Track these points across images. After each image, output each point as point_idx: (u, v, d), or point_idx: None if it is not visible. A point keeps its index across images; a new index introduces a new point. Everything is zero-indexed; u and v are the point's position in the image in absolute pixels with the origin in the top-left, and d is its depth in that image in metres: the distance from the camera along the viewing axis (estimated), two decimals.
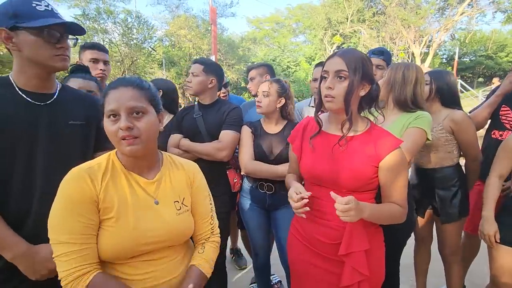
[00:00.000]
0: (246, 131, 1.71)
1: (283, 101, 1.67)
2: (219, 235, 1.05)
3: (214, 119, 1.74)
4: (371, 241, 1.04)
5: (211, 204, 1.03)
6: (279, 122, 1.72)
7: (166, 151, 1.17)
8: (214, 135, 1.71)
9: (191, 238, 1.02)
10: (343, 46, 24.21)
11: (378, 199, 1.12)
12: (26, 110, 0.98)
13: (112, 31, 18.86)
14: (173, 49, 21.15)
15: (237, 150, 1.78)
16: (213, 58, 8.88)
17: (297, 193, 1.03)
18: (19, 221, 0.95)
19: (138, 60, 21.91)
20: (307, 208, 1.01)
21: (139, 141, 0.80)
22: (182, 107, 2.58)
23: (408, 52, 19.32)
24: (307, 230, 1.14)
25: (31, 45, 0.95)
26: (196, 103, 1.85)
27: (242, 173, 1.78)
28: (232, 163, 1.85)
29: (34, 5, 0.94)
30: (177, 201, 0.91)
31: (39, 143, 0.98)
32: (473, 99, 12.83)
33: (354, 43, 22.91)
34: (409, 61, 18.92)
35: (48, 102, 1.03)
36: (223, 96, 2.31)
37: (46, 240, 0.86)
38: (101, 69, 1.78)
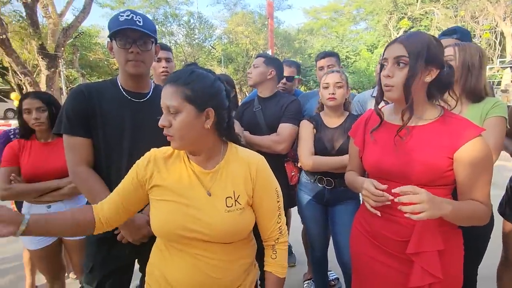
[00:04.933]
0: (306, 125, 1.66)
1: (349, 91, 1.64)
2: (287, 234, 0.99)
3: (273, 112, 1.76)
4: (447, 242, 0.95)
5: (278, 201, 0.94)
6: (342, 114, 1.66)
7: None
8: (273, 128, 1.73)
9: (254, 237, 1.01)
10: (411, 30, 21.83)
11: (454, 196, 1.00)
12: (129, 107, 1.16)
13: (177, 33, 20.46)
14: (231, 46, 21.87)
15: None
16: (269, 52, 8.94)
17: (376, 187, 0.96)
18: None
19: (199, 59, 23.27)
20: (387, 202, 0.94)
21: (173, 139, 0.82)
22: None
23: (495, 31, 16.45)
24: (373, 225, 1.07)
25: (115, 52, 1.14)
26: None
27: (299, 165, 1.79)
28: (291, 155, 1.86)
29: (119, 16, 1.11)
30: (230, 197, 0.86)
31: (138, 134, 1.15)
32: None
33: (425, 26, 20.45)
34: (496, 43, 16.09)
35: (143, 100, 1.19)
36: (281, 88, 2.31)
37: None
38: (163, 67, 1.89)
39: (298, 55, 21.37)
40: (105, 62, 19.94)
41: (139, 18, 1.11)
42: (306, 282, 2.23)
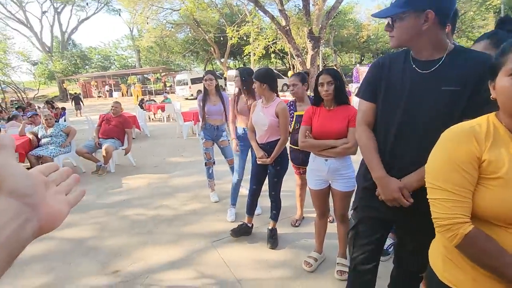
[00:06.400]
0: None
1: None
2: None
3: None
4: None
5: None
6: None
7: None
8: None
9: None
10: None
11: None
12: (410, 77, 1.16)
13: None
14: None
15: None
16: None
17: None
18: (384, 155, 1.24)
19: (466, 14, 18.38)
20: None
21: None
22: None
23: None
24: None
25: None
26: None
27: None
28: None
29: None
30: None
31: (412, 105, 1.14)
32: None
33: None
34: None
35: (428, 71, 1.12)
36: None
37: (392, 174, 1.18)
38: None
39: None
40: (356, 37, 20.91)
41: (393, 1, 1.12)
42: None
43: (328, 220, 2.60)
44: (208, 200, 3.49)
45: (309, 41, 10.86)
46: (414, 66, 1.15)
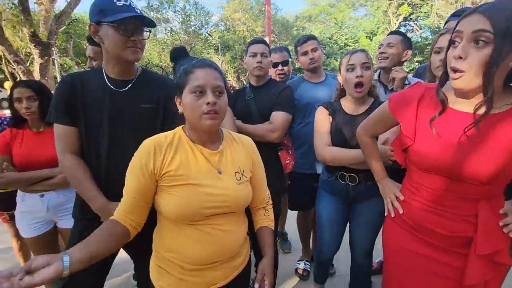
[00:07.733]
0: (321, 113, 1.49)
1: (373, 75, 1.40)
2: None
3: (265, 100, 1.72)
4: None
5: (264, 172, 1.10)
6: (366, 101, 1.42)
7: None
8: (266, 117, 1.70)
9: (248, 208, 1.08)
10: (410, 17, 21.61)
11: None
12: (109, 95, 1.12)
13: (173, 20, 20.10)
14: (228, 34, 21.53)
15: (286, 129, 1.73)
16: (267, 39, 8.78)
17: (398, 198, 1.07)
18: (101, 181, 1.14)
19: (196, 47, 22.96)
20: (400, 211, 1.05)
21: (218, 116, 0.88)
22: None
23: None
24: (419, 219, 0.97)
25: (109, 38, 1.06)
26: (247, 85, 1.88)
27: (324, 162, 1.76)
28: (284, 144, 1.86)
29: (115, 1, 1.05)
30: (238, 171, 0.96)
31: (117, 123, 1.13)
32: None
33: (425, 12, 20.23)
34: None
35: (126, 88, 1.15)
36: (280, 76, 2.22)
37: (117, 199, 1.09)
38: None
39: None
40: None
41: (135, 5, 1.07)
42: (298, 262, 2.26)
43: None
44: None
45: (34, 46, 8.70)
46: (110, 85, 1.13)
